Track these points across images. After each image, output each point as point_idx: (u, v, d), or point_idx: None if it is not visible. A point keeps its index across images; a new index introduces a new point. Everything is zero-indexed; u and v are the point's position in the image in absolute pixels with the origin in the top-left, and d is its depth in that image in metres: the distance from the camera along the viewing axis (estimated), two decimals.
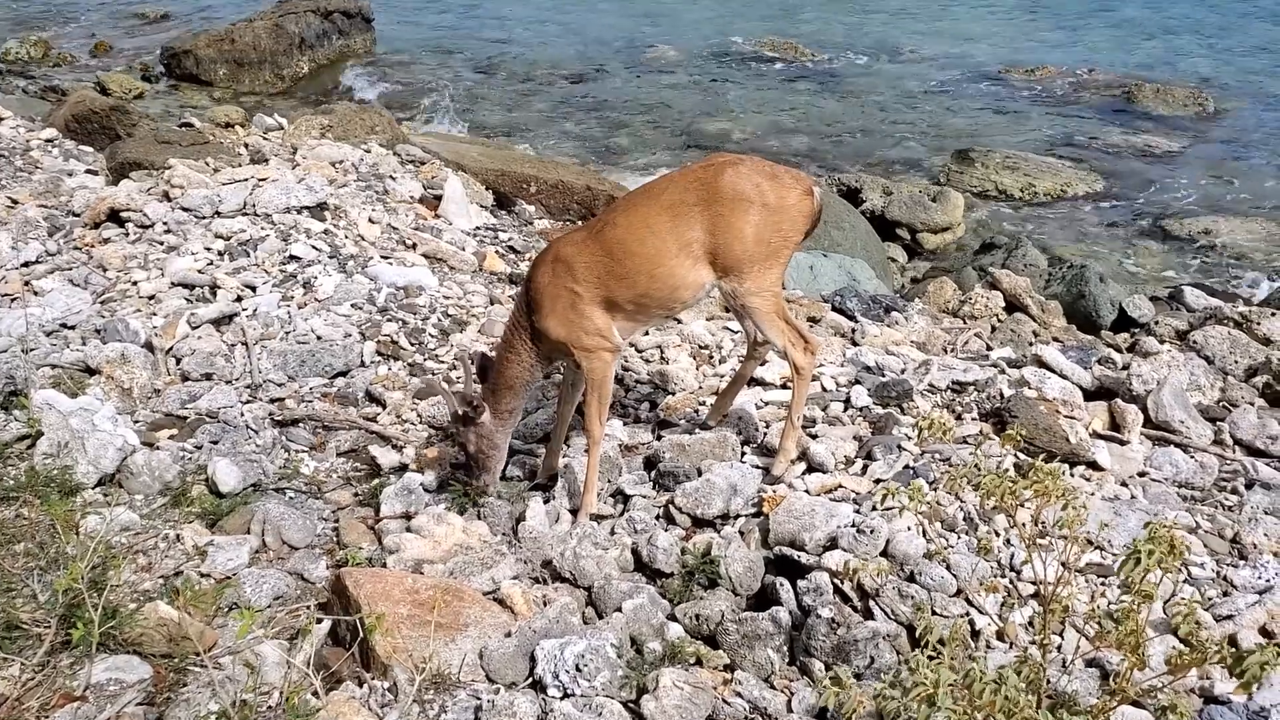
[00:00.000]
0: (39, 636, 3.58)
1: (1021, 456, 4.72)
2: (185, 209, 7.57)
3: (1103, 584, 4.12)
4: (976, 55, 19.32)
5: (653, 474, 4.94)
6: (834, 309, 7.19)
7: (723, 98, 17.04)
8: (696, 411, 5.44)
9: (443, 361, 6.26)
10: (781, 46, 19.33)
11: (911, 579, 4.01)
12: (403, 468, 5.17)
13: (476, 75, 18.14)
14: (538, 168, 11.14)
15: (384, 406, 5.76)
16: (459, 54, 19.18)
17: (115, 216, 7.59)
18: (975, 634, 3.86)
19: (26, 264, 7.01)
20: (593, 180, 11.03)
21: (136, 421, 5.36)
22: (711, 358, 6.17)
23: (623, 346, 4.71)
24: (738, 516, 4.57)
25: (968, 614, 3.93)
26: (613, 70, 18.54)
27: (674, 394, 5.69)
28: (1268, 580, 4.11)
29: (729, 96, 17.07)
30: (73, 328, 6.21)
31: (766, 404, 5.41)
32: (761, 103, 16.82)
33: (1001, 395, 5.27)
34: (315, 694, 3.35)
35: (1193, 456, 5.07)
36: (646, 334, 6.27)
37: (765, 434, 5.10)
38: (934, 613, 3.86)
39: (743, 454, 5.00)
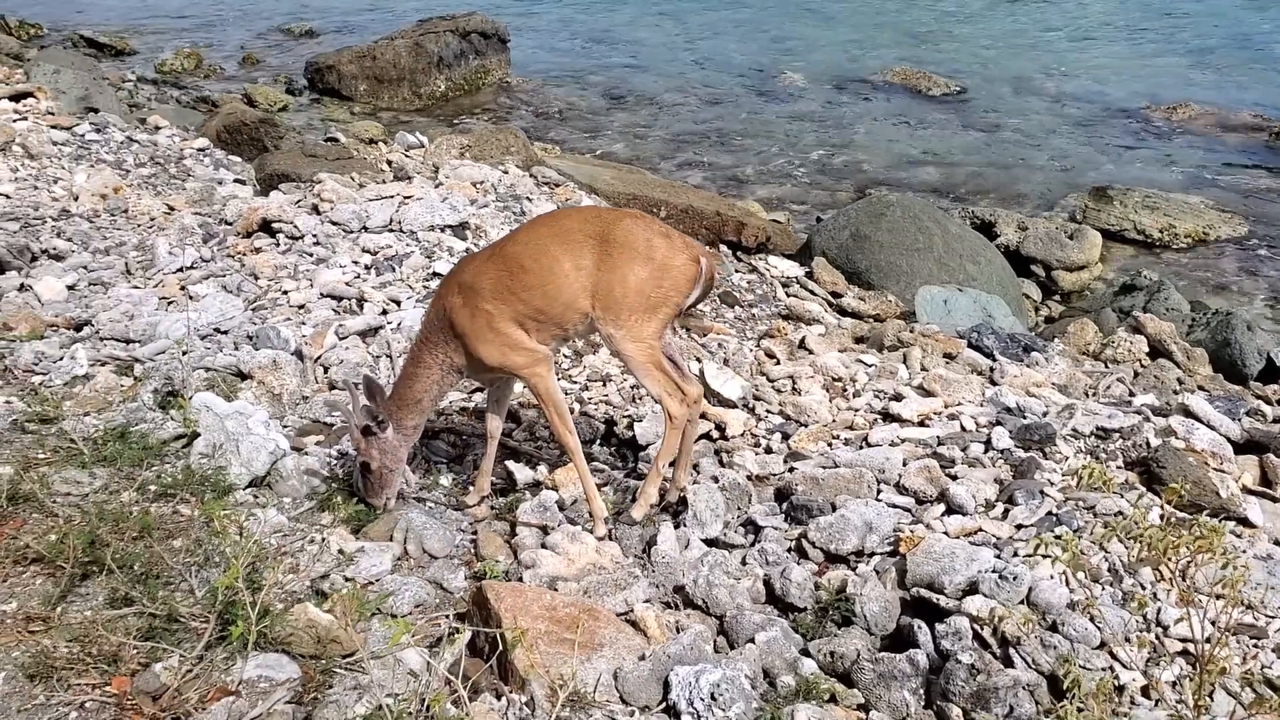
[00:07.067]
0: (197, 631, 3.73)
1: (1169, 509, 4.58)
2: (334, 223, 7.84)
3: (1255, 646, 3.97)
4: (1115, 91, 18.75)
5: (784, 506, 4.93)
6: (970, 345, 7.07)
7: (852, 127, 16.85)
8: (830, 445, 5.41)
9: (575, 381, 6.35)
10: (914, 76, 19.02)
11: (1054, 629, 3.93)
12: (537, 484, 5.25)
13: (607, 100, 18.32)
14: (668, 192, 11.22)
15: (518, 423, 5.86)
16: (591, 78, 19.41)
17: (267, 226, 7.90)
18: (1120, 689, 3.76)
19: (182, 269, 7.35)
20: (722, 206, 11.06)
21: (286, 426, 5.56)
22: (845, 390, 6.13)
23: (550, 354, 4.76)
24: (873, 554, 4.53)
25: (1111, 668, 3.83)
26: (741, 97, 18.52)
27: (807, 425, 5.66)
28: None
29: (859, 126, 16.88)
30: (226, 332, 6.47)
31: (903, 441, 5.36)
32: (892, 133, 16.63)
33: (1148, 444, 5.13)
34: (455, 703, 3.42)
35: None
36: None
37: (902, 473, 5.05)
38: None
39: (879, 491, 4.95)
